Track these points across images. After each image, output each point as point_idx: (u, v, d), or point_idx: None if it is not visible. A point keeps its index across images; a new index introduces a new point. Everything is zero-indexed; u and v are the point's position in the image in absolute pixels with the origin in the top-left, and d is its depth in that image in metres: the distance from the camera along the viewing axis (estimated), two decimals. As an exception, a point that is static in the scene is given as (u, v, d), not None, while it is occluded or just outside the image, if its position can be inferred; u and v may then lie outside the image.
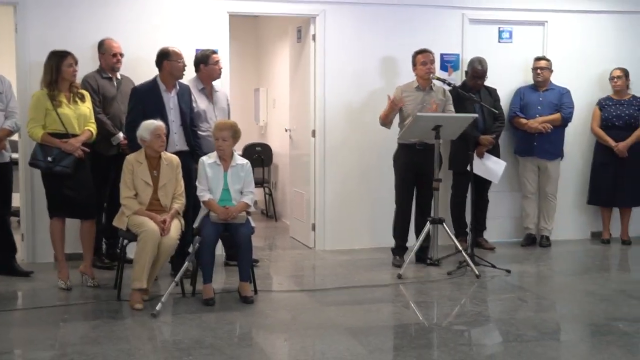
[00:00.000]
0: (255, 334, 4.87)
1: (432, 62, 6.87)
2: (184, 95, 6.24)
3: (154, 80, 6.15)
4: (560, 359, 4.46)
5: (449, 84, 6.95)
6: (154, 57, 6.16)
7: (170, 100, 6.16)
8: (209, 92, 6.59)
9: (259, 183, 9.59)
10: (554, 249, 7.70)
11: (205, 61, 6.55)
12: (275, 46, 9.77)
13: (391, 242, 6.96)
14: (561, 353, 4.57)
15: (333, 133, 7.54)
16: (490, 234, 7.79)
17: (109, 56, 6.45)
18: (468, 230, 7.29)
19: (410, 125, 6.43)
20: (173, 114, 6.14)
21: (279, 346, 4.68)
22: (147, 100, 6.06)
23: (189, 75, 6.53)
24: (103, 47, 6.48)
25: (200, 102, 6.45)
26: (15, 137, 6.51)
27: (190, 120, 6.25)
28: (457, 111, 6.97)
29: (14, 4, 6.72)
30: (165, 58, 6.16)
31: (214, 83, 6.70)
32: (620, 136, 7.75)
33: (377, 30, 7.54)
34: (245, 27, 10.50)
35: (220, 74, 6.70)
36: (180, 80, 6.30)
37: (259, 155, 9.68)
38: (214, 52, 6.70)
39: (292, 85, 8.37)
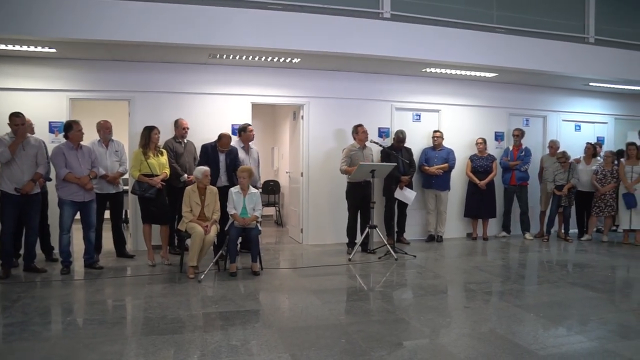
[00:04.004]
0: (257, 293, 4.88)
1: (367, 132, 6.97)
2: (231, 153, 6.29)
3: (215, 143, 6.25)
4: (438, 308, 4.34)
5: (380, 145, 7.10)
6: (206, 129, 6.39)
7: (221, 156, 6.24)
8: (246, 149, 6.62)
9: (272, 204, 9.69)
10: (445, 243, 7.75)
11: (244, 130, 6.62)
12: (283, 122, 9.73)
13: (346, 239, 6.98)
14: (438, 303, 4.51)
15: (313, 174, 7.57)
16: (408, 234, 7.82)
17: (180, 129, 6.55)
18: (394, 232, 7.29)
19: (356, 170, 6.48)
20: (222, 165, 6.23)
21: (270, 300, 4.70)
22: (209, 154, 6.20)
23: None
24: (177, 123, 6.59)
25: (241, 155, 6.49)
26: (126, 176, 6.54)
27: (234, 167, 6.17)
28: (384, 162, 7.03)
29: (129, 100, 6.89)
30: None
31: (250, 143, 6.68)
32: (482, 177, 7.90)
33: (338, 113, 7.60)
34: (266, 110, 10.52)
35: (253, 137, 6.72)
36: (232, 144, 6.38)
37: (272, 187, 9.69)
38: (249, 124, 6.73)
39: (290, 146, 8.43)
